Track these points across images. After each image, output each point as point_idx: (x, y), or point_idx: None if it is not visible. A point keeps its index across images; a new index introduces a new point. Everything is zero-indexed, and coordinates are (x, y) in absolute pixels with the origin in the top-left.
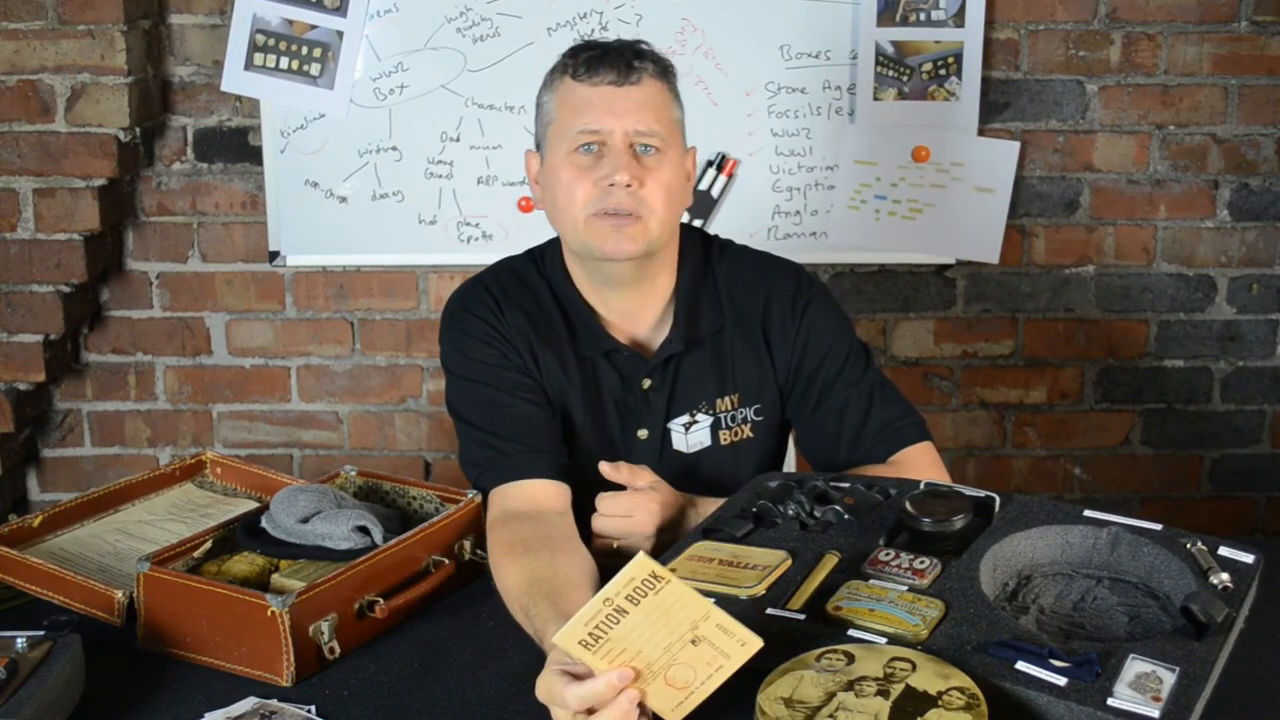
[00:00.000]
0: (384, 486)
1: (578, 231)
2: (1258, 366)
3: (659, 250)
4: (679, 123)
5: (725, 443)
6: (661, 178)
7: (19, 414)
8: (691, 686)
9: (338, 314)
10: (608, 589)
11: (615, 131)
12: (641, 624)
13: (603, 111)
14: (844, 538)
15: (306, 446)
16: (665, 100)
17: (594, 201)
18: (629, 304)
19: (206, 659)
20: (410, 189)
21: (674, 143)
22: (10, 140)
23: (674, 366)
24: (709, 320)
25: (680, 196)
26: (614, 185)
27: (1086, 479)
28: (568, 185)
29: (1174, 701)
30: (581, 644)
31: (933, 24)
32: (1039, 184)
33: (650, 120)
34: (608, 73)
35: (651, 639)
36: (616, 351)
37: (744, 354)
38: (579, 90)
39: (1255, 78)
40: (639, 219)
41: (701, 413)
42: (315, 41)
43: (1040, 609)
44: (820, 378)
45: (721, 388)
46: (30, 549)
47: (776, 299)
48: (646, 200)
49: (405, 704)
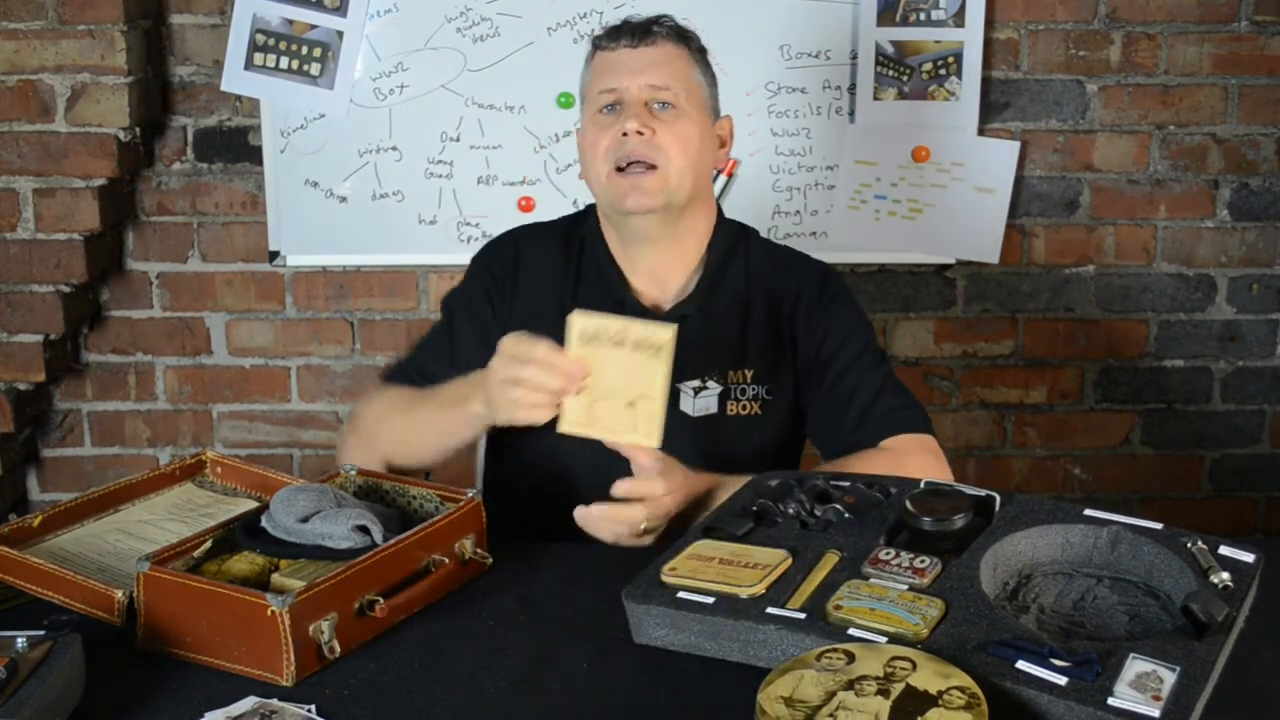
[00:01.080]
0: (384, 486)
1: (603, 188)
2: (1258, 366)
3: (682, 205)
4: (702, 87)
5: (731, 413)
6: (677, 129)
7: (19, 414)
8: (596, 424)
9: (338, 314)
10: (633, 323)
11: (630, 88)
12: (618, 362)
13: (620, 71)
14: (844, 537)
15: (306, 446)
16: (684, 62)
17: (612, 153)
18: (655, 264)
19: (206, 659)
20: (410, 189)
21: (694, 102)
22: (10, 140)
23: (688, 327)
24: (732, 290)
25: (702, 152)
26: (626, 135)
27: (1086, 479)
28: (591, 142)
29: (1174, 701)
30: (583, 332)
31: (933, 24)
32: (1039, 184)
33: (664, 77)
34: (625, 37)
35: (610, 375)
36: (623, 301)
37: (765, 334)
38: (602, 57)
39: (1255, 78)
40: (655, 168)
41: (712, 379)
42: (315, 41)
43: (1040, 608)
44: (836, 363)
45: (736, 360)
46: (30, 549)
47: (806, 289)
48: (662, 148)
49: (405, 704)
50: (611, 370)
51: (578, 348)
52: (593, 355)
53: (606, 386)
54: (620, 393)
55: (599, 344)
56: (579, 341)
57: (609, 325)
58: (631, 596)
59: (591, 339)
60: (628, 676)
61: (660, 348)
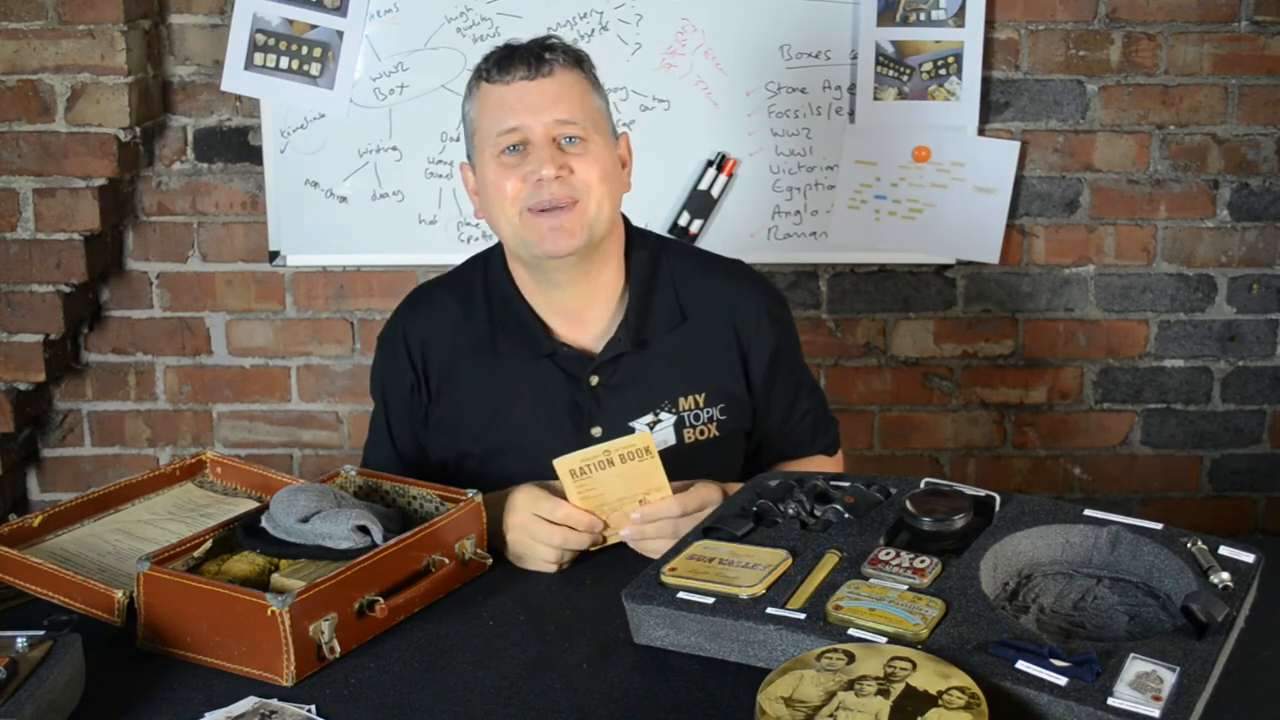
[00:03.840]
0: (384, 486)
1: (515, 230)
2: (1258, 366)
3: (600, 242)
4: (601, 110)
5: (689, 441)
6: (589, 161)
7: (19, 414)
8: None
9: (338, 314)
10: (611, 445)
11: (535, 127)
12: (616, 477)
13: (520, 109)
14: (844, 537)
15: (306, 446)
16: (582, 89)
17: (525, 197)
18: (575, 303)
19: (206, 659)
20: (410, 189)
21: (599, 130)
22: (10, 140)
23: (627, 363)
24: (664, 318)
25: (615, 180)
26: (542, 180)
27: (1086, 479)
28: (497, 185)
29: (1174, 701)
30: (571, 473)
31: (933, 24)
32: (1039, 184)
33: (569, 109)
34: (519, 69)
35: (614, 489)
36: (555, 353)
37: (710, 353)
38: (494, 91)
39: (1255, 78)
40: (575, 203)
41: (665, 411)
42: (315, 41)
43: (1040, 608)
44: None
45: (683, 387)
46: (30, 549)
47: (748, 303)
48: (580, 184)
49: (405, 704)
50: (614, 486)
51: (576, 489)
52: (593, 484)
53: (617, 499)
54: (630, 500)
55: (592, 474)
56: (574, 483)
57: (592, 455)
58: (631, 597)
59: (583, 474)
60: (627, 676)
61: (646, 448)
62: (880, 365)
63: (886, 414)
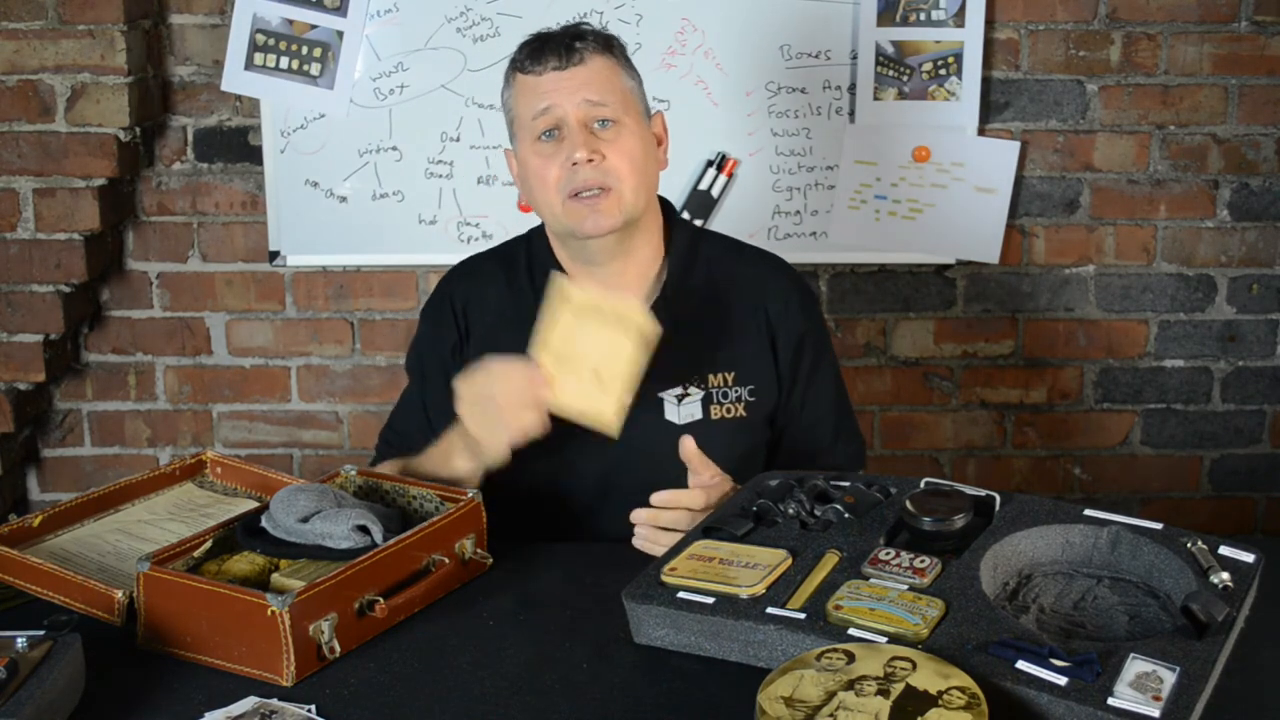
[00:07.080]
0: (384, 486)
1: (557, 216)
2: (1258, 366)
3: (638, 220)
4: (633, 91)
5: (716, 418)
6: (623, 147)
7: (19, 414)
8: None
9: (338, 314)
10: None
11: (568, 112)
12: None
13: (552, 96)
14: (844, 537)
15: (306, 446)
16: (613, 72)
17: (564, 183)
18: (613, 280)
19: (206, 659)
20: (410, 189)
21: (631, 111)
22: (10, 140)
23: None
24: (698, 297)
25: (648, 162)
26: (576, 164)
27: (1086, 479)
28: (538, 173)
29: (1174, 701)
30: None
31: (933, 24)
32: (1039, 184)
33: (599, 93)
34: (550, 59)
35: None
36: None
37: (742, 334)
38: (528, 81)
39: (1255, 78)
40: (609, 191)
41: (694, 385)
42: (315, 41)
43: (1040, 608)
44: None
45: (714, 364)
46: (30, 549)
47: (779, 287)
48: (612, 171)
49: (405, 704)
50: (585, 340)
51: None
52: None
53: (579, 354)
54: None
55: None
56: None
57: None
58: (631, 596)
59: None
60: (627, 676)
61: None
62: (880, 365)
63: (886, 414)
